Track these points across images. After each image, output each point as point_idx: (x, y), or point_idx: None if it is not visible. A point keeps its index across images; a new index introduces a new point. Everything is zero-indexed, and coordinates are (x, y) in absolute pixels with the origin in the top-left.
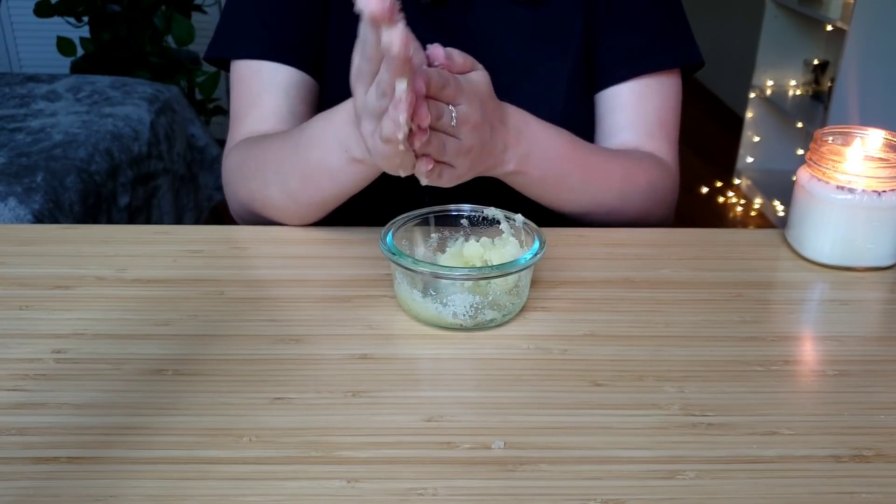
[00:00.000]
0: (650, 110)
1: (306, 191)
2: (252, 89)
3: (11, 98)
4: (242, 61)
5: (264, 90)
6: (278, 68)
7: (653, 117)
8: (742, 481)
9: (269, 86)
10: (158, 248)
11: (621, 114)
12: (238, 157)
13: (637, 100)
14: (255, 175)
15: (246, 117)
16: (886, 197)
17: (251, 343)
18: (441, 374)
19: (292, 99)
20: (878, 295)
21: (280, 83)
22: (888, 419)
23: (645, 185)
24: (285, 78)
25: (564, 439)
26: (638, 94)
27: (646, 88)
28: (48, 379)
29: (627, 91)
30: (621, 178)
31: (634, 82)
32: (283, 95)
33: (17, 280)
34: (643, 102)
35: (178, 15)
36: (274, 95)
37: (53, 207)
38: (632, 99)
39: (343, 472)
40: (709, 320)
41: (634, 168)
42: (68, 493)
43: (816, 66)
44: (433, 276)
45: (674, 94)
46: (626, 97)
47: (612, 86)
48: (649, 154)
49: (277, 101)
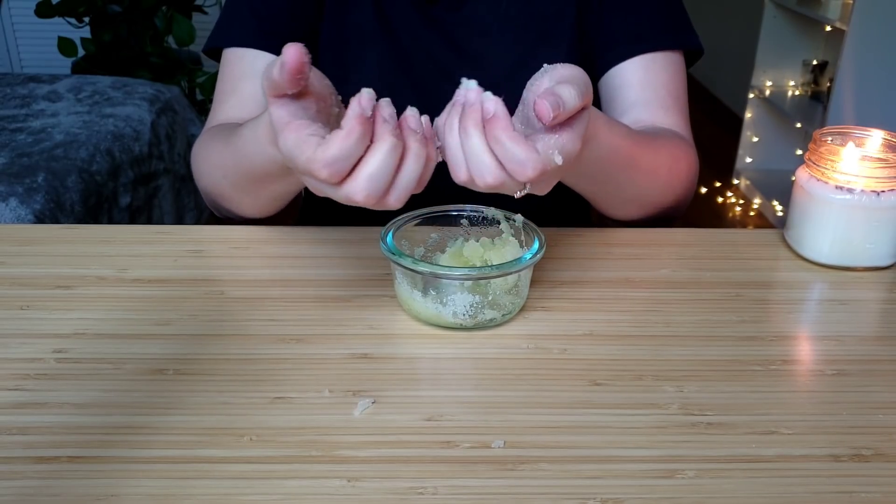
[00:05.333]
0: (659, 85)
1: (256, 190)
2: (234, 75)
3: (12, 98)
4: (230, 49)
5: (245, 76)
6: (261, 55)
7: (663, 91)
8: (741, 480)
9: (250, 72)
10: (159, 248)
11: (629, 90)
12: (202, 147)
13: (644, 75)
14: (210, 171)
15: (225, 103)
16: (885, 197)
17: (251, 343)
18: (441, 374)
19: None
20: (876, 295)
21: (261, 69)
22: (887, 419)
23: (685, 170)
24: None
25: (564, 438)
26: (644, 70)
27: (651, 64)
28: (49, 379)
29: (632, 67)
30: (668, 168)
31: (638, 59)
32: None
33: (17, 280)
34: (650, 77)
35: (179, 15)
36: (254, 81)
37: (54, 207)
38: (637, 75)
39: (343, 471)
40: (708, 320)
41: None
42: (69, 493)
43: (815, 67)
44: (433, 276)
45: (680, 73)
46: (631, 74)
47: (616, 65)
48: (673, 132)
49: (256, 87)
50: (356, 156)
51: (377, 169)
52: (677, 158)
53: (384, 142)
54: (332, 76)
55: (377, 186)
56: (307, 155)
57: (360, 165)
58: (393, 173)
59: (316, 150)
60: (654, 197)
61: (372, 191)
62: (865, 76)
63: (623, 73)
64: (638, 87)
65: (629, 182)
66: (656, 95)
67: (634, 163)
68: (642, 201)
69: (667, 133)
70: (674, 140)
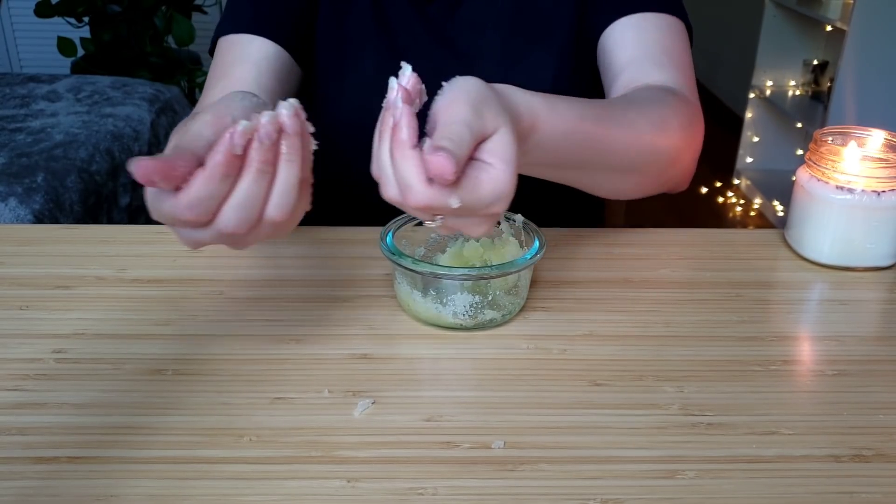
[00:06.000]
0: (651, 42)
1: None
2: (226, 61)
3: (12, 98)
4: (225, 37)
5: (236, 61)
6: (253, 40)
7: (656, 48)
8: (741, 481)
9: (241, 57)
10: (159, 248)
11: (621, 51)
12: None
13: (635, 34)
14: None
15: (213, 88)
16: (886, 197)
17: (251, 343)
18: (441, 374)
19: (262, 72)
20: (877, 295)
21: (252, 55)
22: (887, 419)
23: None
24: (259, 50)
25: (564, 439)
26: (635, 28)
27: (642, 22)
28: (48, 379)
29: (621, 27)
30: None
31: (629, 19)
32: (253, 67)
33: (17, 280)
34: (642, 35)
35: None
36: (243, 67)
37: (54, 207)
38: (627, 34)
39: (343, 471)
40: (708, 320)
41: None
42: (68, 493)
43: (816, 67)
44: (433, 276)
45: (676, 35)
46: (620, 34)
47: (606, 28)
48: (666, 89)
49: (247, 72)
50: (220, 196)
51: (244, 198)
52: (665, 118)
53: (248, 171)
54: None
55: (247, 215)
56: (169, 202)
57: (227, 199)
58: (263, 198)
59: (178, 196)
60: (648, 164)
61: (242, 219)
62: (866, 76)
63: (614, 35)
64: (630, 46)
65: (608, 158)
66: (648, 52)
67: (603, 138)
68: (637, 171)
69: (655, 93)
70: (664, 98)
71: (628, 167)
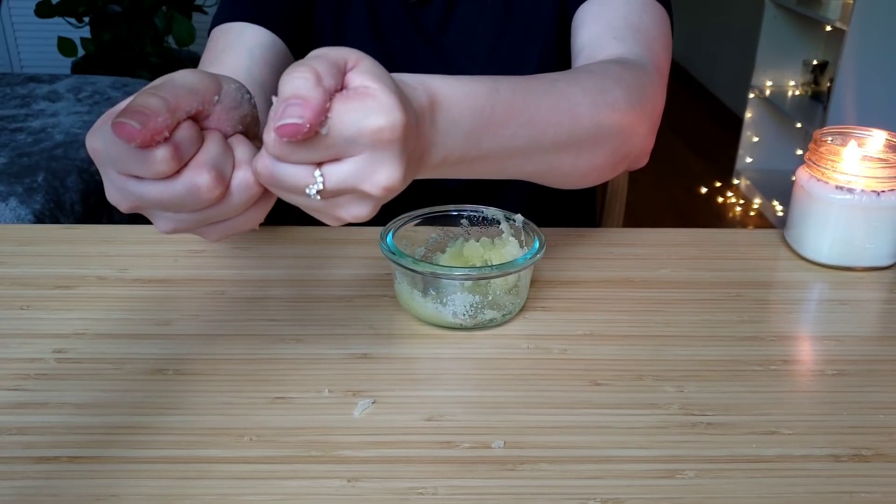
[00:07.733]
0: (615, 17)
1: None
2: (218, 48)
3: (12, 98)
4: (218, 27)
5: (229, 47)
6: (246, 27)
7: (620, 23)
8: (741, 481)
9: (234, 43)
10: (159, 248)
11: (583, 30)
12: None
13: (599, 10)
14: None
15: None
16: (885, 197)
17: (251, 343)
18: (441, 374)
19: (255, 59)
20: (876, 295)
21: (245, 42)
22: (887, 419)
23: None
24: (252, 37)
25: (564, 439)
26: (599, 5)
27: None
28: (49, 379)
29: (586, 6)
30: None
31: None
32: (246, 55)
33: (17, 280)
34: (605, 11)
35: (179, 15)
36: (235, 54)
37: (54, 207)
38: (591, 12)
39: (343, 471)
40: (708, 320)
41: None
42: (69, 493)
43: (815, 67)
44: (433, 276)
45: (652, 13)
46: (583, 14)
47: (576, 11)
48: (615, 58)
49: (238, 59)
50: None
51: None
52: (605, 87)
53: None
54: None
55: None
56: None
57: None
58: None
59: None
60: (592, 139)
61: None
62: (866, 76)
63: (580, 14)
64: (592, 23)
65: (541, 135)
66: (611, 27)
67: (528, 111)
68: (582, 148)
69: (600, 65)
70: (608, 68)
71: (568, 143)
